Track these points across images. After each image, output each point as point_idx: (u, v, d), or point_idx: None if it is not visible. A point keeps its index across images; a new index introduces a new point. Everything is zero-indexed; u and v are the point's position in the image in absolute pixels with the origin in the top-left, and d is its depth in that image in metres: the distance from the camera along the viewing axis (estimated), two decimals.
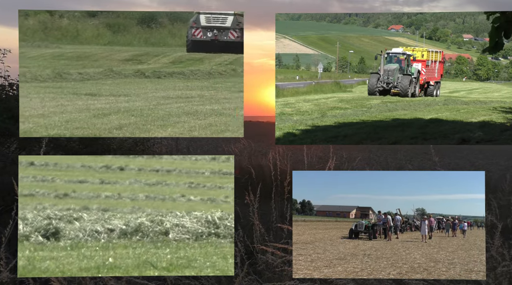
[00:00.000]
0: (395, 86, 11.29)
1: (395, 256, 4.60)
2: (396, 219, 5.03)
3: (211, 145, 16.78)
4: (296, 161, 8.77)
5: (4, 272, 4.44)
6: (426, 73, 11.90)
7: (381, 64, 11.90)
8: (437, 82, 11.87)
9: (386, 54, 12.34)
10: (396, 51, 12.36)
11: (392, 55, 12.34)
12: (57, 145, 9.27)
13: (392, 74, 11.55)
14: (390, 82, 11.31)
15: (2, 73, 9.63)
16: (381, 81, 11.31)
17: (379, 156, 14.46)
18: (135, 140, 10.81)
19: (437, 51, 12.19)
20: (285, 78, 12.25)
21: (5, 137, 8.89)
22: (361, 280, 4.47)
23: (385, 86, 11.23)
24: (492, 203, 5.76)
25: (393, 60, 12.28)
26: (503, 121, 6.96)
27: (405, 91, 11.07)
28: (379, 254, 4.65)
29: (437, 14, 13.99)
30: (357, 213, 5.09)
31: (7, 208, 6.05)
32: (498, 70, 12.22)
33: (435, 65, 12.21)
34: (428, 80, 11.91)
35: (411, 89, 11.37)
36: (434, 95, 11.61)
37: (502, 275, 4.41)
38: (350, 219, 5.12)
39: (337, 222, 5.19)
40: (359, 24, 16.01)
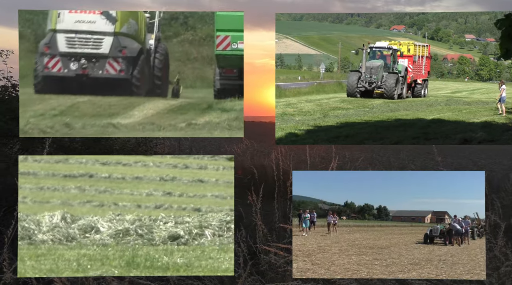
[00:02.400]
0: (379, 86, 9.89)
1: (472, 262, 4.46)
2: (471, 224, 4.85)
3: (214, 146, 16.78)
4: (298, 161, 8.74)
5: (7, 272, 4.44)
6: (413, 70, 10.72)
7: (363, 60, 10.68)
8: (425, 80, 10.78)
9: (369, 48, 11.10)
10: (381, 46, 11.06)
11: (376, 50, 11.06)
12: (60, 146, 9.29)
13: (376, 72, 10.19)
14: (373, 81, 9.93)
15: (5, 74, 9.66)
16: (363, 80, 9.96)
17: (382, 156, 14.44)
18: (137, 141, 10.83)
19: (424, 45, 11.23)
20: (287, 78, 12.25)
21: (8, 138, 8.90)
22: (364, 280, 4.47)
23: (367, 86, 9.86)
24: (496, 202, 5.76)
25: (377, 56, 10.97)
26: (505, 122, 6.95)
27: (390, 92, 9.71)
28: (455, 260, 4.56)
29: (439, 14, 13.96)
30: (432, 218, 4.96)
31: (10, 209, 6.06)
32: (500, 70, 12.15)
33: (422, 61, 11.12)
34: (415, 78, 10.71)
35: (398, 90, 9.95)
36: (422, 95, 10.47)
37: (506, 274, 4.40)
38: (426, 224, 5.02)
39: (412, 227, 5.12)
40: (361, 25, 15.99)
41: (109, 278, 4.42)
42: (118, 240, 4.79)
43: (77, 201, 6.03)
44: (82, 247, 4.68)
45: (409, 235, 5.10)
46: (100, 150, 9.56)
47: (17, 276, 4.29)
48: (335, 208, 4.85)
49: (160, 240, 4.80)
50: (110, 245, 4.71)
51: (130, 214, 5.17)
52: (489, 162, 16.44)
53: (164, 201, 6.11)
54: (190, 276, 4.54)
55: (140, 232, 4.88)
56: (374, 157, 13.67)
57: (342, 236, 4.98)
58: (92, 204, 5.96)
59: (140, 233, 4.87)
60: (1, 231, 5.71)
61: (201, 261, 4.45)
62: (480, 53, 12.89)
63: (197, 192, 6.45)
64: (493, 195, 6.10)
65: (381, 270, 4.32)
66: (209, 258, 4.49)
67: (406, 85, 10.27)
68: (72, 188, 6.45)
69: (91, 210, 5.62)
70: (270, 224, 5.83)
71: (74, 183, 6.56)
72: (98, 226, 4.95)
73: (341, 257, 4.54)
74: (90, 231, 4.91)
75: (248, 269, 4.62)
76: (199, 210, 5.70)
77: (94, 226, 4.95)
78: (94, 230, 4.91)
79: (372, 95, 9.85)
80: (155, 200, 6.23)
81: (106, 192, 6.48)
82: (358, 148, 14.63)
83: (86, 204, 5.95)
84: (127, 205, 5.97)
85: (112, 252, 4.57)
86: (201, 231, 4.92)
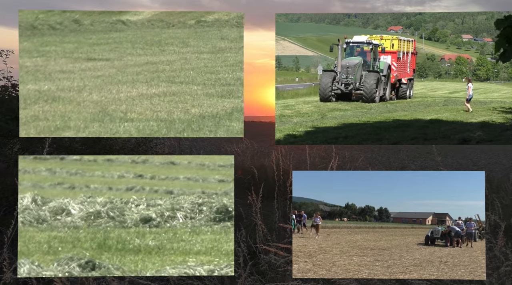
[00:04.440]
0: (358, 87, 8.60)
1: (474, 264, 4.48)
2: (472, 226, 4.86)
3: (214, 146, 16.79)
4: (298, 161, 8.72)
5: (7, 272, 4.45)
6: (398, 68, 9.39)
7: (339, 57, 9.36)
8: (410, 79, 9.55)
9: (346, 44, 9.61)
10: (359, 40, 9.56)
11: (354, 45, 9.59)
12: (60, 146, 9.29)
13: (353, 71, 8.87)
14: (350, 82, 8.62)
15: (5, 74, 9.65)
16: (338, 81, 8.71)
17: (382, 156, 14.46)
18: (137, 141, 10.83)
19: (409, 40, 9.89)
20: (285, 80, 12.24)
21: (8, 138, 8.90)
22: (364, 280, 4.49)
23: (343, 88, 8.55)
24: (496, 202, 5.78)
25: (355, 52, 9.55)
26: (503, 121, 6.97)
27: (370, 94, 8.39)
28: (456, 261, 4.56)
29: (436, 15, 13.97)
30: (433, 220, 4.97)
31: (11, 208, 6.07)
32: (497, 70, 12.15)
33: (407, 58, 9.80)
34: (400, 77, 9.36)
35: (380, 91, 8.63)
36: (407, 96, 9.29)
37: (506, 274, 4.42)
38: (427, 226, 5.02)
39: (414, 228, 5.14)
40: (358, 25, 15.99)
41: (109, 278, 4.42)
42: (90, 223, 4.75)
43: (48, 184, 5.96)
44: (53, 229, 4.63)
45: (410, 236, 5.12)
46: (100, 150, 9.57)
47: (17, 276, 4.29)
48: (337, 210, 4.87)
49: (132, 223, 4.75)
50: (81, 228, 4.68)
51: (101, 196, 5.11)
52: (489, 162, 16.48)
53: (135, 183, 6.04)
54: (190, 275, 4.54)
55: (112, 214, 4.83)
56: (374, 157, 13.70)
57: (343, 238, 4.99)
58: (63, 186, 5.89)
59: (111, 215, 4.82)
60: (1, 231, 5.72)
61: (173, 243, 4.46)
62: (478, 53, 12.91)
63: (169, 174, 6.39)
64: (493, 195, 6.13)
65: (382, 271, 4.34)
66: (181, 241, 4.50)
67: (389, 86, 8.99)
68: (42, 170, 6.34)
69: (62, 193, 5.56)
70: (270, 224, 5.85)
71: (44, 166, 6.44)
72: (69, 209, 4.88)
73: (342, 258, 4.55)
74: (61, 213, 4.83)
75: (248, 269, 4.63)
76: (171, 192, 5.67)
77: (65, 208, 4.88)
78: (65, 212, 4.84)
79: (350, 98, 8.55)
80: (126, 182, 6.14)
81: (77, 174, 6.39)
82: (358, 148, 14.66)
83: (57, 186, 5.87)
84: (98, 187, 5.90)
85: (84, 234, 4.55)
86: (173, 214, 4.90)
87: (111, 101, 5.26)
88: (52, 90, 5.55)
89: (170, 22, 5.95)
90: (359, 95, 8.44)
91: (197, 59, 6.59)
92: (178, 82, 5.95)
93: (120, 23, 5.85)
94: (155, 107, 5.15)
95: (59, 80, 5.94)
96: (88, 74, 6.17)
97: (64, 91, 5.55)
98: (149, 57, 6.65)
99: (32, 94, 5.36)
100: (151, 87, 5.82)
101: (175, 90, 5.67)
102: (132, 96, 5.46)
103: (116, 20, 5.87)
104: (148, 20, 5.97)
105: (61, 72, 6.19)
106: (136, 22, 5.89)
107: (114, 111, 5.04)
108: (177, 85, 5.87)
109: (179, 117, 4.98)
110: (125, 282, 4.51)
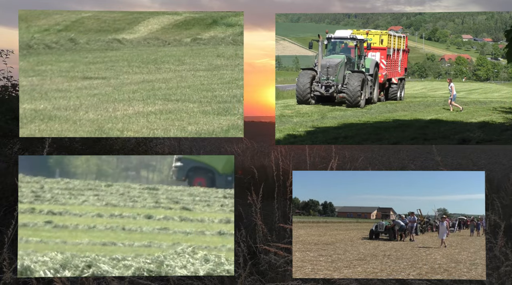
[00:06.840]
0: (340, 90, 7.57)
1: (415, 257, 4.55)
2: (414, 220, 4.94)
3: (214, 146, 16.78)
4: (298, 161, 8.73)
5: (7, 272, 4.45)
6: (387, 67, 8.46)
7: (319, 54, 8.32)
8: (401, 79, 8.64)
9: (327, 39, 8.54)
10: (342, 35, 8.38)
11: (337, 41, 8.43)
12: (60, 146, 9.28)
13: (334, 71, 7.79)
14: (332, 84, 7.62)
15: (5, 74, 9.64)
16: (318, 82, 7.77)
17: (382, 156, 14.46)
18: (137, 141, 10.82)
19: (401, 36, 8.88)
20: (285, 80, 12.22)
21: (8, 138, 8.89)
22: (364, 280, 4.49)
23: (324, 91, 7.62)
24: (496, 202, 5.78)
25: (339, 49, 8.42)
26: (503, 121, 6.98)
27: (354, 97, 7.40)
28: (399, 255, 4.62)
29: (436, 15, 13.96)
30: (378, 214, 5.01)
31: (10, 209, 6.06)
32: (497, 70, 12.15)
33: (398, 56, 8.82)
34: (389, 77, 8.44)
35: (365, 94, 7.61)
36: (398, 97, 8.43)
37: (506, 274, 4.42)
38: (371, 220, 5.08)
39: (358, 223, 5.18)
40: (358, 26, 16.00)
41: (109, 278, 4.42)
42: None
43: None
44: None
45: (354, 231, 5.19)
46: (100, 150, 9.56)
47: (17, 276, 4.29)
48: None
49: None
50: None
51: None
52: (489, 162, 16.47)
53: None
54: (190, 276, 4.54)
55: None
56: (374, 157, 13.70)
57: None
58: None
59: None
60: (1, 231, 5.71)
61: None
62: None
63: None
64: (493, 195, 6.13)
65: (326, 266, 4.34)
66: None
67: (377, 86, 7.99)
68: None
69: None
70: (270, 224, 5.85)
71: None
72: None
73: None
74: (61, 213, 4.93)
75: (248, 269, 4.63)
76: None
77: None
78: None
79: (333, 101, 7.64)
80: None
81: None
82: (358, 148, 14.66)
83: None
84: None
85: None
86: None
87: (108, 119, 5.32)
88: (48, 109, 5.61)
89: (166, 40, 6.02)
90: (342, 98, 7.66)
91: (193, 77, 6.63)
92: (174, 99, 6.00)
93: (116, 42, 5.89)
94: (152, 125, 5.21)
95: (55, 99, 6.02)
96: (84, 92, 6.23)
97: (60, 110, 5.61)
98: (145, 75, 6.72)
99: (28, 114, 5.41)
100: (147, 105, 5.90)
101: (171, 108, 5.72)
102: (128, 114, 5.53)
103: (112, 38, 5.92)
104: (144, 38, 6.01)
105: (57, 91, 6.26)
106: (132, 40, 5.93)
107: (110, 130, 5.10)
108: (173, 102, 5.93)
109: (175, 134, 5.05)
110: (125, 282, 4.50)
